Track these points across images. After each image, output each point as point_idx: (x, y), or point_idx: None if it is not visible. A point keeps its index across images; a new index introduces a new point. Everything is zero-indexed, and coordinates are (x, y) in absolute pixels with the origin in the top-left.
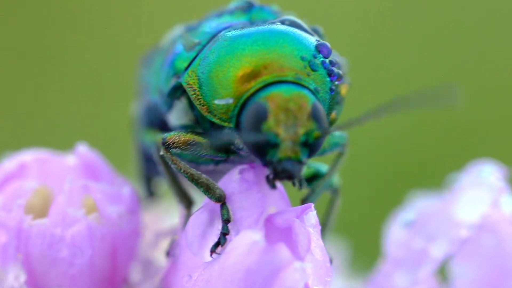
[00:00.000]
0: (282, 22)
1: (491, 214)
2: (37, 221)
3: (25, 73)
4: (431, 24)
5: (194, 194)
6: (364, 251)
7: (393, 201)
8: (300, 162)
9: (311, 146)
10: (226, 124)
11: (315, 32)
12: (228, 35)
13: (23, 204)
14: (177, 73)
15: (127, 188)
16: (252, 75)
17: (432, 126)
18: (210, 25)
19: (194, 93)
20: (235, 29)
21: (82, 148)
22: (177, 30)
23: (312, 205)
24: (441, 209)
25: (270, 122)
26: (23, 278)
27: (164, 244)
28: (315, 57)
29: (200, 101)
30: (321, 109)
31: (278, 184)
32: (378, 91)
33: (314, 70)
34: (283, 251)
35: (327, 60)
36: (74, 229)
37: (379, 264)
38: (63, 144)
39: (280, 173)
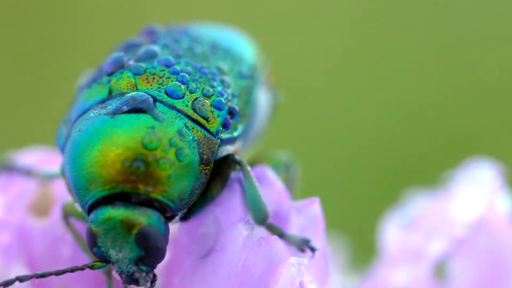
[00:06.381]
0: (130, 109)
1: (487, 213)
2: (39, 220)
3: (25, 72)
4: (431, 23)
5: None
6: (363, 248)
7: (391, 198)
8: (138, 275)
9: (146, 263)
10: None
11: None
12: (70, 137)
13: (25, 204)
14: None
15: None
16: (83, 188)
17: (430, 124)
18: (76, 104)
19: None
20: (80, 123)
21: None
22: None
23: (316, 199)
24: (438, 207)
25: (100, 247)
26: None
27: None
28: (136, 160)
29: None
30: (149, 232)
31: (278, 180)
32: (378, 91)
33: (136, 176)
34: (277, 243)
35: (148, 159)
36: (76, 228)
37: (376, 262)
38: None
39: (124, 282)
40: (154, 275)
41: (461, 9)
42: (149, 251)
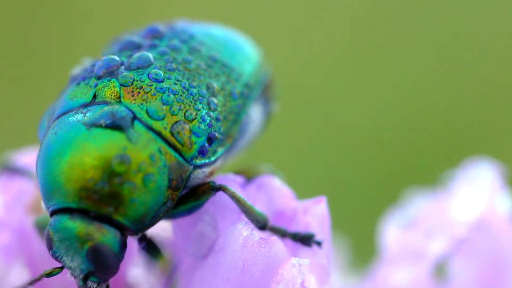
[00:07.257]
0: (106, 125)
1: (487, 213)
2: None
3: (25, 72)
4: (432, 23)
5: None
6: (363, 248)
7: (391, 198)
8: (89, 284)
9: (96, 276)
10: None
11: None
12: (46, 138)
13: (25, 204)
14: None
15: None
16: (48, 193)
17: (430, 124)
18: (62, 99)
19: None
20: (58, 125)
21: None
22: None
23: (323, 198)
24: (438, 207)
25: (55, 251)
26: (25, 277)
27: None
28: (101, 181)
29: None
30: (100, 249)
31: (281, 182)
32: (377, 90)
33: (99, 196)
34: (277, 244)
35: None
36: None
37: (376, 262)
38: None
39: (77, 286)
40: (107, 286)
41: (461, 9)
42: (99, 267)
